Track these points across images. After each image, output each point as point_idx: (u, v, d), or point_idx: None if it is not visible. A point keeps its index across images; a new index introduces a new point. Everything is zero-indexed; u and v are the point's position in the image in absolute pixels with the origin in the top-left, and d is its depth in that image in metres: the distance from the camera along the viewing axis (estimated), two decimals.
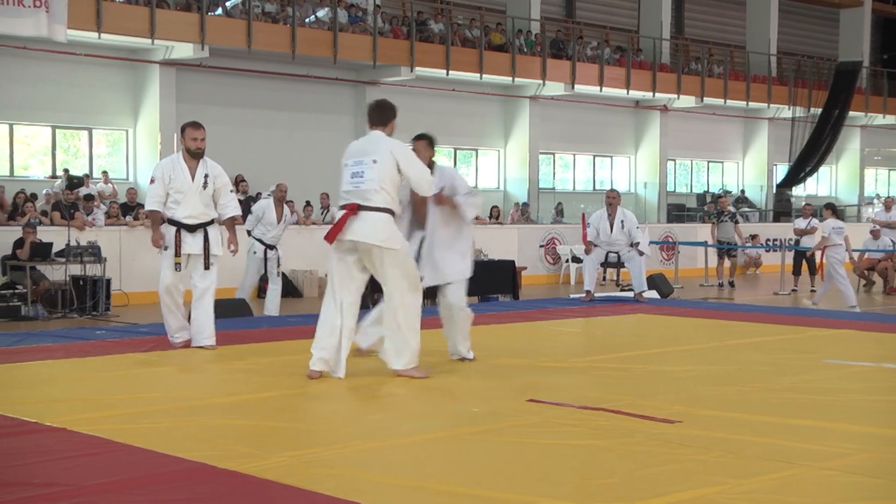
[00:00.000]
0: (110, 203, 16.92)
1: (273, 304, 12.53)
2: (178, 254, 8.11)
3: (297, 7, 20.24)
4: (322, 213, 18.87)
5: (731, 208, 21.19)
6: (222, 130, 20.67)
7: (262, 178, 19.54)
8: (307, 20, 20.92)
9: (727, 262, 19.56)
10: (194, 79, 20.06)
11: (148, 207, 8.48)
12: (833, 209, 15.65)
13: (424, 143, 7.60)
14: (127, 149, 19.97)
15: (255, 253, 12.47)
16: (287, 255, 15.90)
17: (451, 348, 7.69)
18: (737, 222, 19.79)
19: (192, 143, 8.50)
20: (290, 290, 16.76)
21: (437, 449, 5.01)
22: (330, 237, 6.89)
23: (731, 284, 19.16)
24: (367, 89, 22.35)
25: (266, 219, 12.50)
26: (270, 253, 12.52)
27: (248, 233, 12.60)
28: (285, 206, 13.01)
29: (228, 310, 10.58)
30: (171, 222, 8.22)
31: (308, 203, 18.97)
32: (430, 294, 8.01)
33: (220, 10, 19.67)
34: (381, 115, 7.17)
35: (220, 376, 7.06)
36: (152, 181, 8.35)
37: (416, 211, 7.56)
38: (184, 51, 18.81)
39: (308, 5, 21.01)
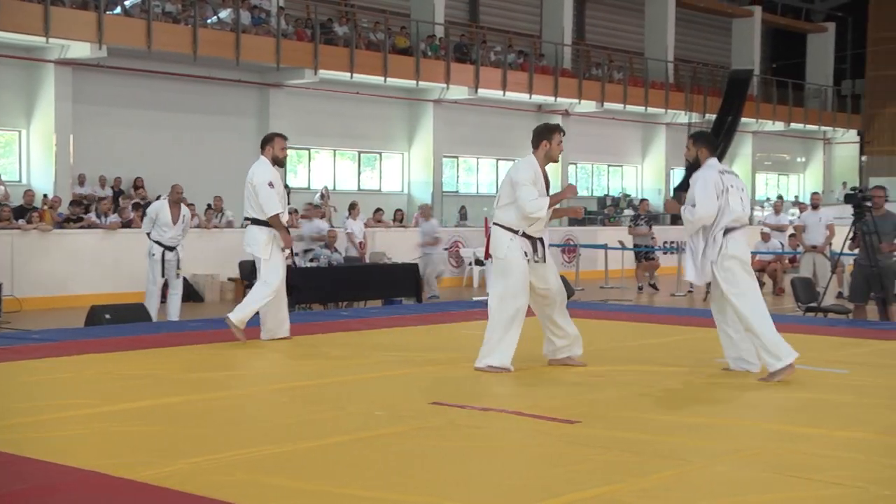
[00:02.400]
0: (1, 206, 16.46)
1: (174, 308, 12.38)
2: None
3: (199, 7, 19.98)
4: (217, 217, 18.59)
5: (651, 210, 21.45)
6: (122, 132, 20.35)
7: (164, 181, 19.19)
8: (209, 21, 20.67)
9: (644, 264, 19.64)
10: (92, 79, 19.65)
11: (275, 211, 8.77)
12: None
13: (690, 142, 7.49)
14: (20, 150, 19.45)
15: (153, 255, 12.31)
16: (188, 258, 15.68)
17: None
18: (651, 226, 20.07)
19: (281, 152, 8.95)
20: (192, 294, 16.54)
21: (341, 452, 5.02)
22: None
23: (654, 287, 19.33)
24: (270, 91, 22.18)
25: (161, 220, 12.34)
26: (169, 255, 12.37)
27: (148, 235, 12.44)
28: (183, 207, 12.84)
29: (126, 315, 10.41)
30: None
31: (210, 206, 18.73)
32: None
33: (118, 9, 19.30)
34: (532, 140, 7.75)
35: (119, 383, 6.93)
36: (271, 185, 8.75)
37: None
38: (80, 50, 18.41)
39: (210, 6, 20.75)
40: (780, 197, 29.01)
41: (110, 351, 8.21)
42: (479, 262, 19.46)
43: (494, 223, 7.47)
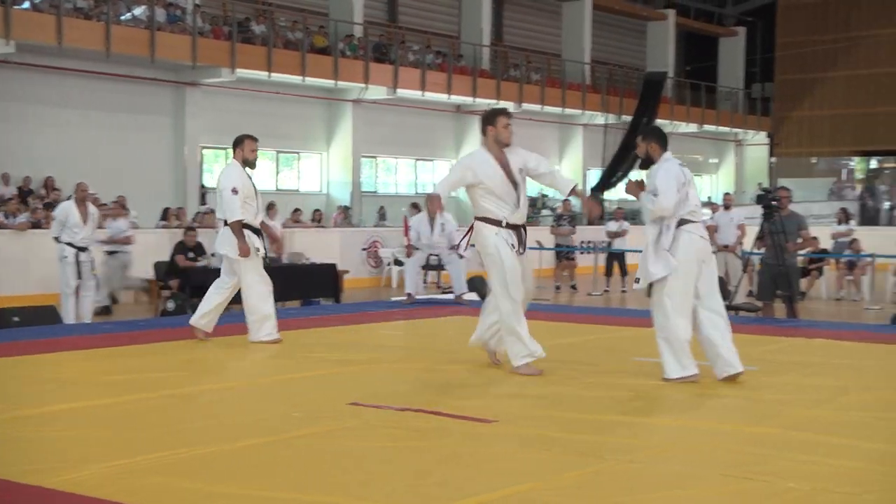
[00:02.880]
0: None
1: (85, 309, 12.14)
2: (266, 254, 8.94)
3: (112, 4, 19.64)
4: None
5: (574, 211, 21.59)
6: (33, 130, 19.91)
7: (77, 180, 18.88)
8: (122, 17, 20.32)
9: (565, 264, 19.75)
10: (0, 76, 19.20)
11: (237, 217, 8.67)
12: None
13: (639, 139, 7.52)
14: None
15: (66, 258, 12.04)
16: (100, 260, 15.40)
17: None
18: (574, 225, 20.24)
19: (251, 154, 8.93)
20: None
21: (257, 455, 4.98)
22: None
23: (573, 287, 19.48)
24: (186, 90, 21.90)
25: (70, 221, 12.07)
26: (83, 255, 12.13)
27: (56, 239, 12.16)
28: (89, 205, 12.56)
29: (36, 317, 10.21)
30: (249, 228, 8.75)
31: (124, 207, 18.39)
32: None
33: (27, 4, 18.87)
34: (480, 128, 7.55)
35: (27, 387, 6.78)
36: (234, 191, 8.66)
37: None
38: None
39: (123, 2, 20.41)
40: None
41: (18, 354, 8.03)
42: (397, 262, 19.45)
43: (476, 217, 7.42)
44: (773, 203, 11.54)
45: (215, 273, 9.40)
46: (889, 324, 11.26)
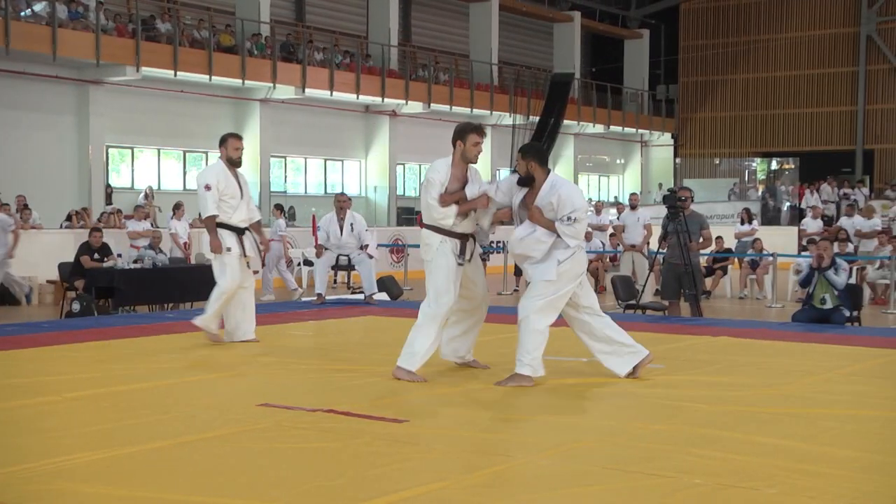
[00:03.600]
0: None
1: None
2: (244, 254, 8.85)
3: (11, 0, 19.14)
4: (21, 217, 17.77)
5: None
6: None
7: None
8: (22, 14, 19.82)
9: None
10: None
11: (209, 213, 8.77)
12: None
13: (519, 156, 7.15)
14: None
15: None
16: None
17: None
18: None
19: (234, 152, 8.96)
20: (7, 297, 15.86)
21: (165, 457, 4.92)
22: None
23: None
24: (90, 88, 21.46)
25: None
26: None
27: None
28: None
29: None
30: (226, 227, 8.79)
31: (26, 206, 17.96)
32: None
33: None
34: (452, 139, 7.42)
35: None
36: (207, 188, 8.72)
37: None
38: None
39: None
40: (598, 200, 29.95)
41: None
42: (307, 263, 19.34)
43: (424, 224, 7.34)
44: (679, 203, 11.78)
45: (121, 273, 9.29)
46: (790, 321, 11.58)
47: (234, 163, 8.96)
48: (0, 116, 20.34)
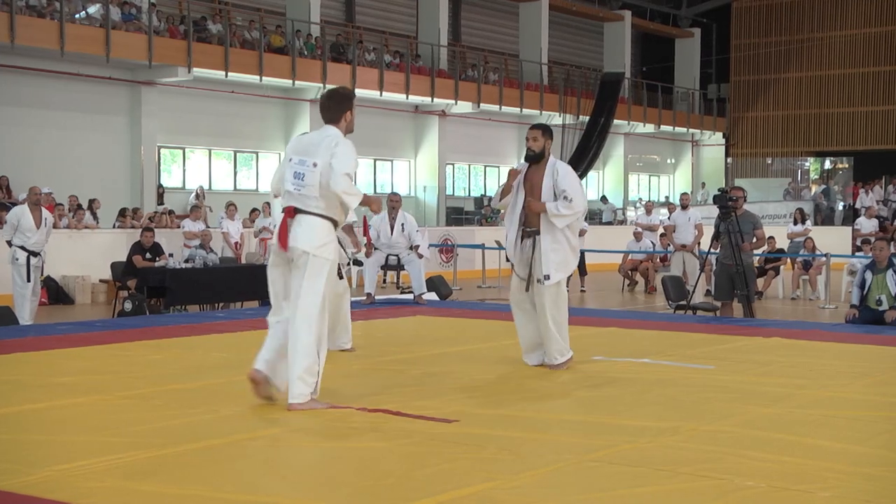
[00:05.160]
0: None
1: (30, 311, 12.01)
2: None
3: (66, 2, 19.42)
4: (75, 218, 18.05)
5: None
6: None
7: (30, 180, 18.64)
8: (76, 16, 20.11)
9: None
10: None
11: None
12: None
13: (539, 133, 7.29)
14: None
15: (17, 260, 11.94)
16: (58, 260, 15.25)
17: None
18: None
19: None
20: (62, 296, 16.10)
21: (215, 456, 4.95)
22: (282, 243, 6.08)
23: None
24: (142, 89, 21.72)
25: (23, 225, 11.98)
26: (34, 260, 12.01)
27: (9, 243, 12.05)
28: (43, 209, 12.48)
29: None
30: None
31: (80, 207, 18.23)
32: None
33: None
34: (333, 108, 6.31)
35: None
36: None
37: (529, 214, 7.43)
38: None
39: (77, 0, 20.19)
40: (648, 200, 29.76)
41: None
42: (356, 262, 19.40)
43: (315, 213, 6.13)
44: (730, 203, 11.65)
45: (172, 273, 9.28)
46: (844, 322, 11.40)
47: None
48: (54, 118, 20.65)
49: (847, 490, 4.43)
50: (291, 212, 6.07)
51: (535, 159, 7.40)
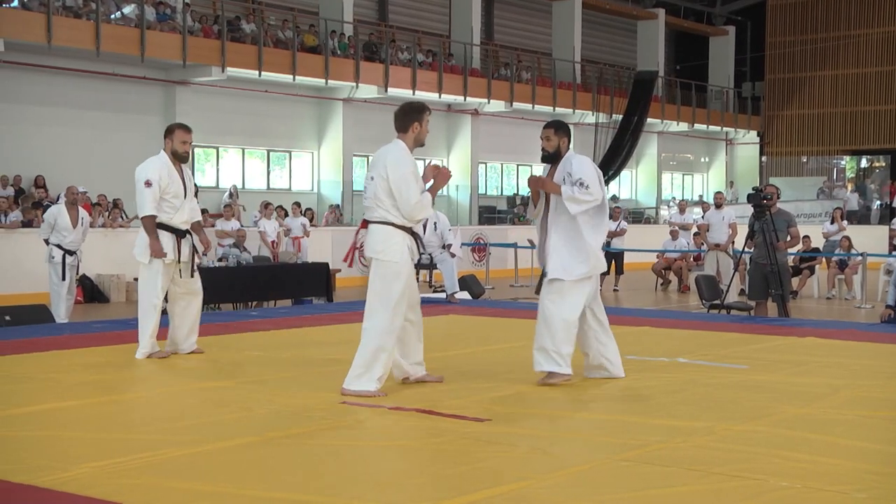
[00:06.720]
0: None
1: (66, 309, 12.12)
2: (179, 259, 7.99)
3: (101, 2, 19.59)
4: (110, 217, 18.19)
5: None
6: (21, 129, 19.85)
7: (65, 180, 18.82)
8: (112, 16, 20.28)
9: None
10: None
11: (146, 213, 7.87)
12: None
13: (551, 132, 7.09)
14: None
15: (53, 258, 12.06)
16: (93, 259, 15.38)
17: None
18: None
19: (181, 145, 8.04)
20: (97, 295, 16.25)
21: (249, 454, 4.98)
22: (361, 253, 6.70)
23: None
24: (176, 89, 21.86)
25: (60, 224, 12.08)
26: (70, 259, 12.13)
27: (46, 241, 12.17)
28: (80, 209, 12.58)
29: (27, 316, 10.18)
30: (167, 228, 7.95)
31: (115, 206, 18.38)
32: None
33: (15, 3, 18.83)
34: (401, 120, 6.81)
35: (18, 385, 6.77)
36: (149, 184, 7.83)
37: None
38: None
39: (112, 1, 20.37)
40: (682, 199, 29.61)
41: (10, 353, 8.01)
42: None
43: (376, 221, 6.61)
44: (764, 201, 11.55)
45: (206, 272, 9.28)
46: (880, 322, 11.28)
47: (179, 157, 8.00)
48: (90, 117, 20.84)
49: (883, 491, 4.39)
50: (364, 223, 6.69)
51: (550, 160, 7.13)
